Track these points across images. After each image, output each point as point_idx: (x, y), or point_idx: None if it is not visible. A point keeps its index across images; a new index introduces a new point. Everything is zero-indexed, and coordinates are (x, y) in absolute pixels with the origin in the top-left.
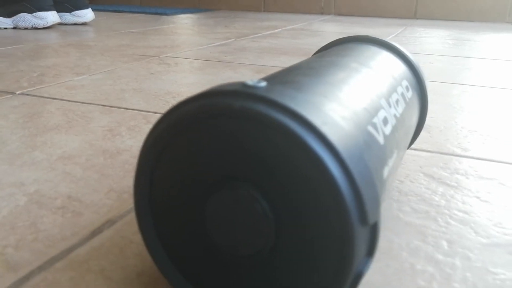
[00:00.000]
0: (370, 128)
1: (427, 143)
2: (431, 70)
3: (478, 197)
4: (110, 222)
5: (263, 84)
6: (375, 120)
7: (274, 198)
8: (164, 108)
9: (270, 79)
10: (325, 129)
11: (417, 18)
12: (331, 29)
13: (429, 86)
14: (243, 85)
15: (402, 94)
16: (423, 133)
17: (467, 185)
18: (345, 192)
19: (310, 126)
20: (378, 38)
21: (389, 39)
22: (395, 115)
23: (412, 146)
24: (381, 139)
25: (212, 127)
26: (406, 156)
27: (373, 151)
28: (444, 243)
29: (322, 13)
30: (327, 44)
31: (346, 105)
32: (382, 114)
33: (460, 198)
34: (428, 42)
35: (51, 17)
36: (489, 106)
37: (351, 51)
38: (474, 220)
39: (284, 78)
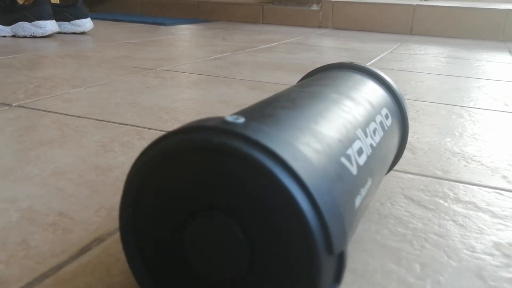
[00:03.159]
0: (343, 160)
1: (410, 165)
2: (421, 89)
3: (454, 221)
4: (98, 240)
5: (241, 120)
6: (349, 151)
7: (248, 227)
8: (157, 123)
9: (249, 112)
10: (296, 165)
11: (413, 34)
12: (328, 43)
13: (418, 106)
14: (223, 121)
15: (381, 123)
16: (407, 154)
17: (445, 209)
18: (312, 224)
19: (282, 162)
20: (361, 65)
21: (384, 55)
22: (371, 145)
23: (396, 167)
24: (354, 170)
25: (192, 161)
26: (389, 178)
27: (345, 182)
28: (417, 266)
29: (319, 27)
30: (312, 71)
31: (320, 138)
32: (357, 144)
33: (437, 221)
34: (421, 59)
35: (50, 26)
36: (475, 128)
37: (333, 80)
38: (448, 243)
39: (262, 111)
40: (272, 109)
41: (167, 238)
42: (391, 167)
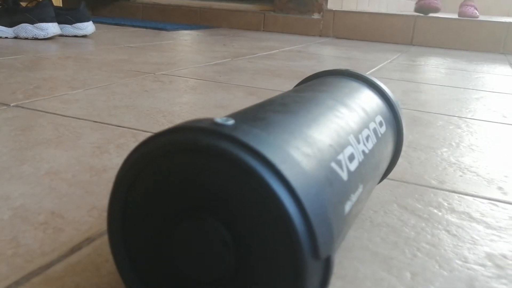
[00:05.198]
0: (334, 165)
1: (406, 174)
2: (420, 99)
3: (447, 231)
4: (89, 240)
5: (231, 122)
6: (340, 157)
7: (235, 229)
8: (154, 127)
9: (240, 115)
10: (284, 168)
11: (414, 45)
12: (328, 52)
13: (416, 116)
14: (212, 122)
15: (374, 130)
16: (403, 163)
17: (438, 218)
18: (298, 228)
19: (269, 164)
20: (356, 72)
21: (384, 65)
22: (363, 151)
23: (391, 176)
24: (344, 175)
25: (180, 161)
26: (383, 186)
27: (335, 187)
28: (408, 275)
29: (320, 35)
30: (308, 77)
31: (311, 142)
32: (349, 150)
33: (430, 231)
34: (421, 70)
35: (52, 28)
36: (472, 139)
37: (328, 86)
38: (440, 253)
39: (254, 114)
40: (264, 113)
41: (155, 238)
42: (385, 175)
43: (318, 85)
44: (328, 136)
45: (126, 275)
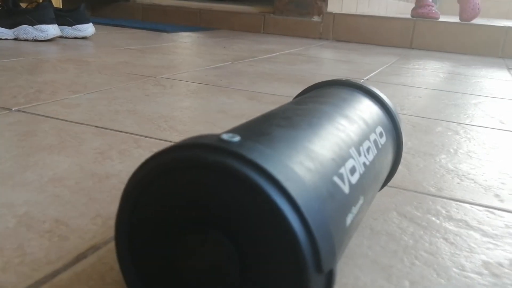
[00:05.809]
0: (336, 179)
1: (404, 181)
2: (418, 105)
3: (445, 239)
4: (94, 248)
5: (237, 139)
6: (341, 170)
7: (240, 244)
8: (155, 132)
9: (245, 130)
10: (288, 185)
11: (413, 48)
12: (327, 55)
13: (414, 121)
14: (219, 139)
15: (375, 141)
16: (402, 170)
17: (436, 226)
18: (302, 242)
19: (274, 181)
20: (357, 83)
21: (383, 69)
22: (364, 163)
23: (391, 183)
24: (346, 189)
25: (187, 177)
26: (383, 193)
27: (337, 201)
28: (407, 283)
29: (320, 38)
30: (309, 87)
31: (313, 157)
32: (350, 163)
33: (428, 239)
34: (420, 74)
35: (52, 30)
36: (470, 145)
37: (328, 97)
38: (438, 261)
39: (258, 129)
40: (268, 127)
41: (161, 250)
42: (384, 184)
43: (319, 96)
44: (330, 150)
45: (132, 285)
